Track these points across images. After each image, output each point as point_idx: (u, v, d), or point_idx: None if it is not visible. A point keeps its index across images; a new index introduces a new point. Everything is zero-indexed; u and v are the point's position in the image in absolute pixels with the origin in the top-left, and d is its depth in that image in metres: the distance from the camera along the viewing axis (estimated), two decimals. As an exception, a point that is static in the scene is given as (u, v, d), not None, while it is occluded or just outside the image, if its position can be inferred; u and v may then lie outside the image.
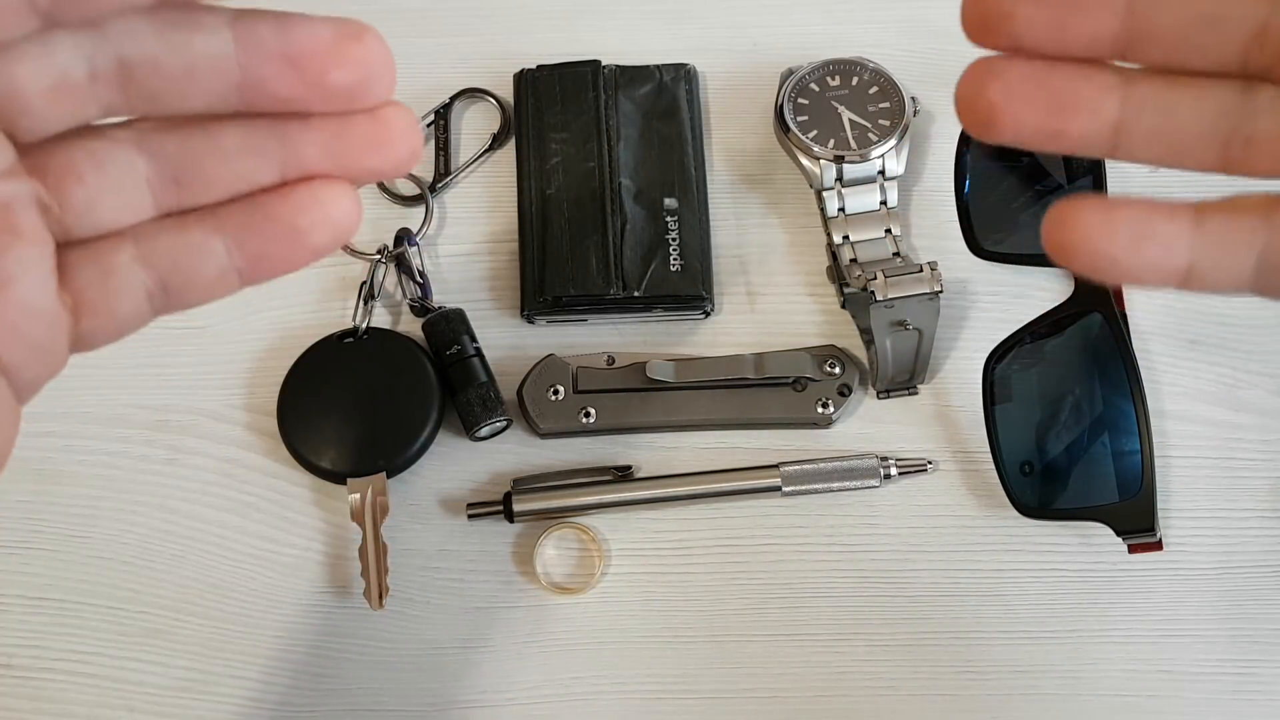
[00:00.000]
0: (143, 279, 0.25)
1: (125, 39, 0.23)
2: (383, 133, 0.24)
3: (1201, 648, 0.45)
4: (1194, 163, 0.24)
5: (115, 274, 0.25)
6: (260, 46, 0.23)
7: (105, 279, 0.25)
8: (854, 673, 0.45)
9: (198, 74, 0.23)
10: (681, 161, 0.51)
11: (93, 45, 0.23)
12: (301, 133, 0.24)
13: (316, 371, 0.48)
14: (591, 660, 0.45)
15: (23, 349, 0.24)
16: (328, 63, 0.23)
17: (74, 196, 0.24)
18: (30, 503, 0.47)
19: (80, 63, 0.23)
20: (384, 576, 0.45)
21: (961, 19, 0.23)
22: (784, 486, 0.46)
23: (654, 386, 0.48)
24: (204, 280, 0.25)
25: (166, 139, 0.24)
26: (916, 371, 0.48)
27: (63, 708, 0.45)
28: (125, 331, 0.26)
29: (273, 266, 0.25)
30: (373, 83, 0.24)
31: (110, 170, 0.24)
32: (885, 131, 0.49)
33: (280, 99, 0.23)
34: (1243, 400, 0.48)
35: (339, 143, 0.24)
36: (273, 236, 0.25)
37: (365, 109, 0.24)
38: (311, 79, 0.23)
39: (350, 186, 0.25)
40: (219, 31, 0.23)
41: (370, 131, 0.24)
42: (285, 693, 0.45)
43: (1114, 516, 0.44)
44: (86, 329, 0.25)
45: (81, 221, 0.24)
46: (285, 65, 0.23)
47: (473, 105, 0.54)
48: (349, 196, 0.25)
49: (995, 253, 0.50)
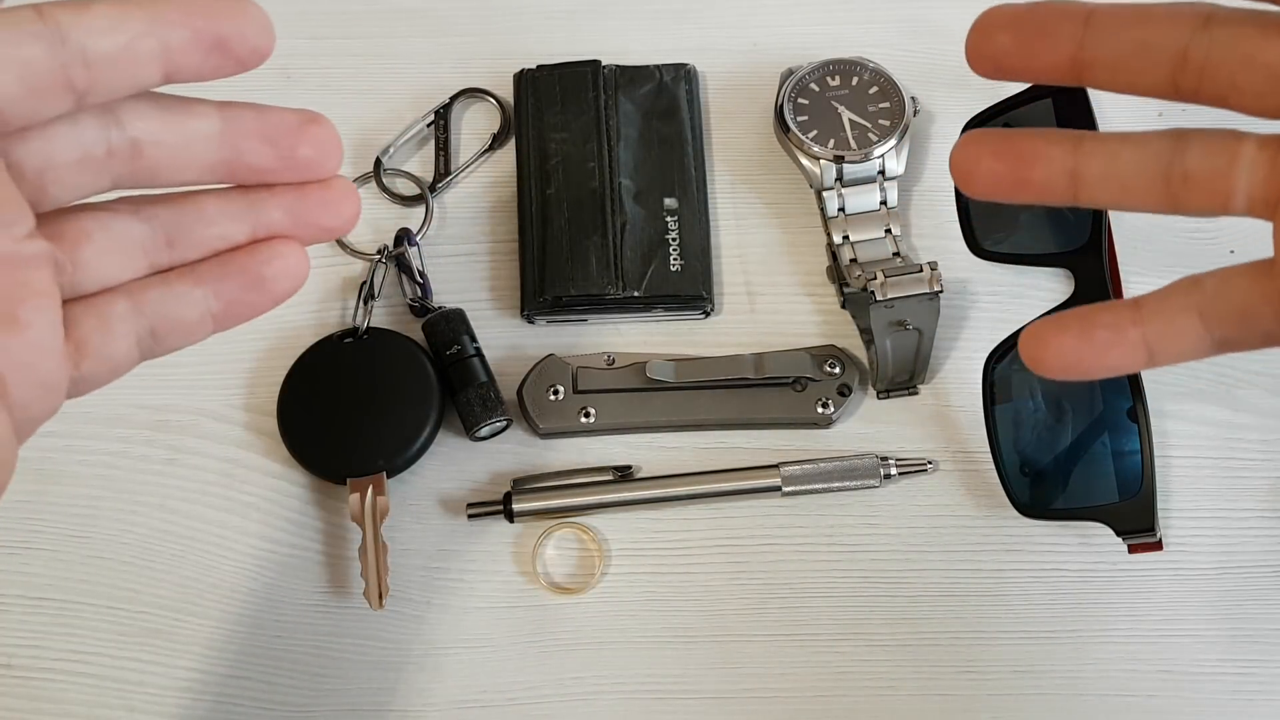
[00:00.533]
0: (135, 327, 0.30)
1: (135, 120, 0.28)
2: (333, 197, 0.30)
3: (1201, 648, 0.45)
4: (1144, 201, 0.28)
5: (112, 323, 0.29)
6: (243, 127, 0.29)
7: (104, 327, 0.29)
8: (854, 673, 0.45)
9: (193, 150, 0.28)
10: (681, 161, 0.51)
11: (110, 125, 0.28)
12: (269, 199, 0.30)
13: (316, 371, 0.48)
14: (591, 660, 0.45)
15: (32, 387, 0.27)
16: (297, 139, 0.29)
17: (84, 256, 0.29)
18: (30, 503, 0.47)
19: (100, 141, 0.28)
20: (384, 576, 0.45)
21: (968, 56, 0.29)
22: (784, 486, 0.46)
23: (654, 386, 0.48)
24: (186, 326, 0.30)
25: (158, 208, 0.30)
26: (916, 371, 0.48)
27: (63, 708, 0.45)
28: (116, 375, 0.30)
29: (242, 312, 0.31)
30: (328, 157, 0.29)
31: (113, 234, 0.29)
32: (885, 131, 0.49)
33: (256, 170, 0.29)
34: (1243, 400, 0.48)
35: (299, 206, 0.30)
36: (244, 286, 0.30)
37: (320, 179, 0.30)
38: (284, 152, 0.29)
39: (300, 245, 0.30)
40: (209, 116, 0.28)
41: (324, 197, 0.30)
42: (285, 693, 0.45)
43: (1114, 516, 0.44)
44: (85, 372, 0.29)
45: (87, 278, 0.29)
46: (262, 142, 0.29)
47: (473, 105, 0.54)
48: (301, 252, 0.30)
49: (995, 253, 0.50)
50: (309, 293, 0.50)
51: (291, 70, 0.54)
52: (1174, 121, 0.28)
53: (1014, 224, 0.50)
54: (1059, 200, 0.29)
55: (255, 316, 0.31)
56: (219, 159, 0.29)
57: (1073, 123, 0.49)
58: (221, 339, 0.49)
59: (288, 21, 0.55)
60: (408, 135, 0.53)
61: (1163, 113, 0.51)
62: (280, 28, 0.28)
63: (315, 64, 0.54)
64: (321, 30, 0.55)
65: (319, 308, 0.50)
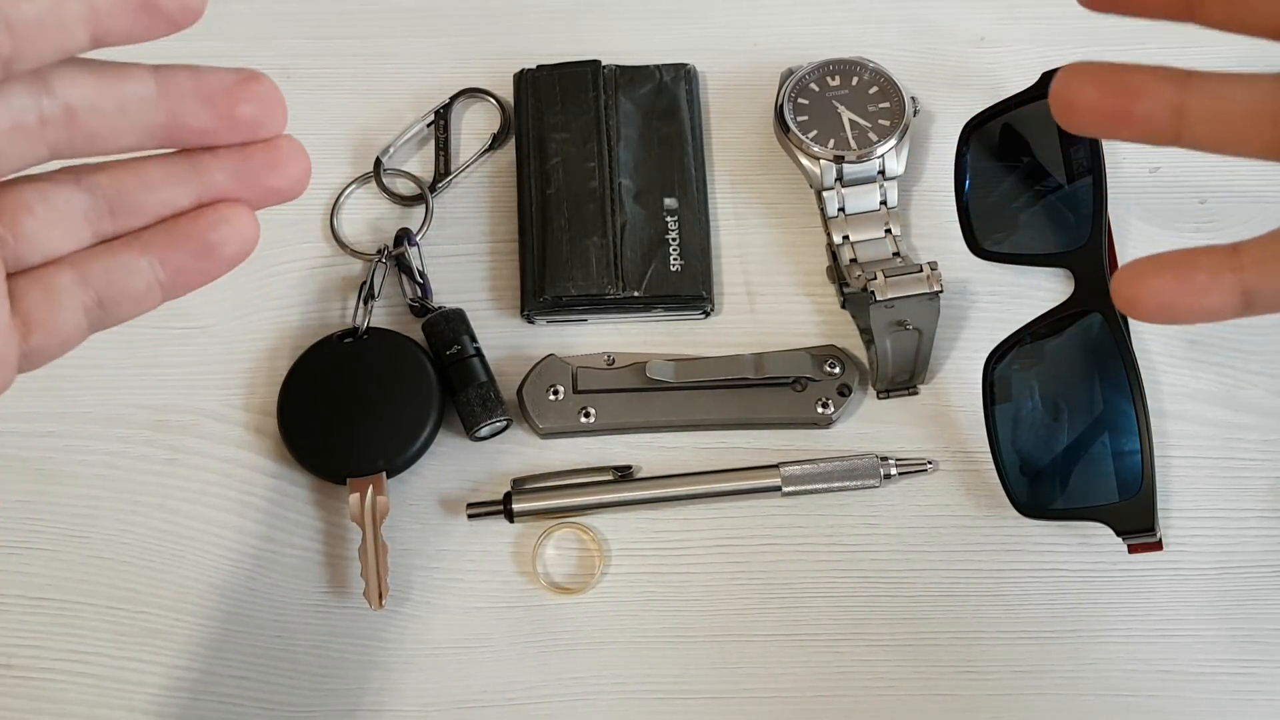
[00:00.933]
0: (82, 298, 0.29)
1: (67, 86, 0.27)
2: (278, 157, 0.29)
3: (1201, 648, 0.45)
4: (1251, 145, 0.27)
5: (58, 295, 0.29)
6: (179, 89, 0.28)
7: (50, 299, 0.29)
8: (854, 673, 0.45)
9: (129, 114, 0.28)
10: (681, 161, 0.51)
11: (40, 93, 0.27)
12: (212, 162, 0.29)
13: (316, 371, 0.48)
14: (591, 660, 0.45)
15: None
16: (235, 98, 0.28)
17: (25, 229, 0.28)
18: (30, 503, 0.47)
19: (31, 109, 0.27)
20: (384, 576, 0.45)
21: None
22: (784, 486, 0.46)
23: (654, 386, 0.48)
24: (134, 295, 0.30)
25: (100, 176, 0.29)
26: (916, 371, 0.48)
27: (63, 708, 0.45)
28: (66, 347, 0.29)
29: (190, 278, 0.30)
30: (269, 115, 0.29)
31: (54, 205, 0.29)
32: (885, 131, 0.49)
33: (197, 132, 0.28)
34: (1243, 400, 0.48)
35: (243, 168, 0.29)
36: (191, 253, 0.29)
37: (263, 139, 0.29)
38: (223, 112, 0.28)
39: (249, 208, 0.30)
40: (144, 79, 0.28)
41: (269, 157, 0.29)
42: (285, 693, 0.45)
43: (1114, 516, 0.44)
44: (34, 345, 0.29)
45: (30, 250, 0.28)
46: (200, 103, 0.28)
47: (473, 105, 0.54)
48: (250, 215, 0.30)
49: (995, 253, 0.50)
50: (309, 293, 0.50)
51: (291, 70, 0.54)
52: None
53: (1014, 224, 0.50)
54: (1160, 139, 0.28)
55: (206, 283, 0.30)
56: (158, 123, 0.28)
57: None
58: (221, 339, 0.50)
59: (288, 21, 0.55)
60: (408, 135, 0.53)
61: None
62: (280, 28, 0.28)
63: (315, 64, 0.54)
64: (321, 30, 0.55)
65: (319, 308, 0.50)
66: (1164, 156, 0.51)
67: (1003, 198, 0.51)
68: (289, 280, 0.51)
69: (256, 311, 0.50)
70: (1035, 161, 0.51)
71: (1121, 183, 0.51)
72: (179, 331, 0.50)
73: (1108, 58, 0.28)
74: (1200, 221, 0.50)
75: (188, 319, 0.50)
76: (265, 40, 0.54)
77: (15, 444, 0.48)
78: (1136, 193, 0.51)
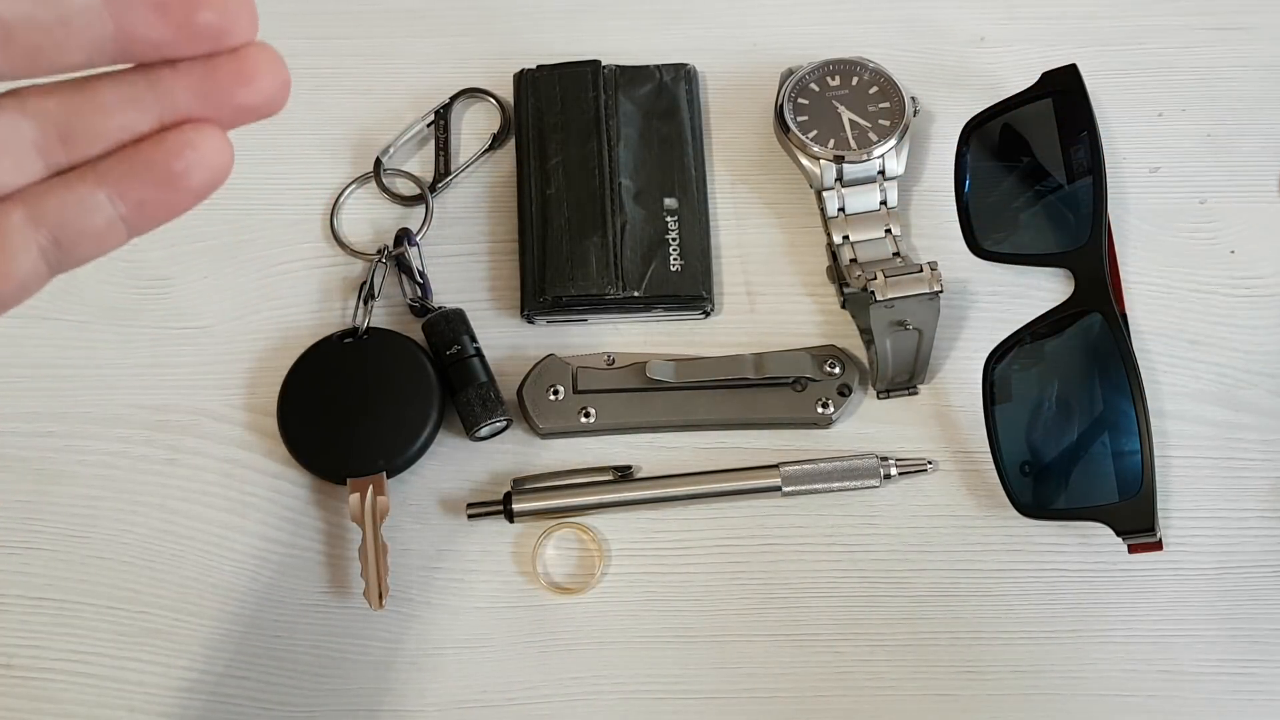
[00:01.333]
0: (36, 238, 0.26)
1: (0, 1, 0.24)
2: (248, 68, 0.26)
3: (1201, 648, 0.45)
4: None
5: (10, 235, 0.26)
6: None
7: (2, 241, 0.26)
8: (854, 673, 0.45)
9: (73, 26, 0.24)
10: (681, 161, 0.51)
11: None
12: (173, 79, 0.26)
13: (316, 371, 0.48)
14: (591, 660, 0.45)
15: None
16: (192, 3, 0.25)
17: None
18: (30, 503, 0.47)
19: None
20: (384, 576, 0.45)
21: None
22: (784, 486, 0.46)
23: (654, 386, 0.48)
24: (93, 232, 0.27)
25: (48, 100, 0.26)
26: (916, 371, 0.48)
27: (63, 708, 0.45)
28: (26, 293, 0.27)
29: (155, 212, 0.27)
30: (235, 22, 0.25)
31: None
32: (885, 131, 0.49)
33: (151, 44, 0.25)
34: (1243, 400, 0.48)
35: (208, 83, 0.26)
36: (153, 183, 0.26)
37: (230, 49, 0.26)
38: (178, 20, 0.25)
39: (219, 129, 0.26)
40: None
41: (236, 69, 0.26)
42: (285, 693, 0.45)
43: (1114, 516, 0.44)
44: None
45: None
46: (153, 10, 0.24)
47: (473, 105, 0.54)
48: (219, 137, 0.26)
49: (995, 253, 0.50)
50: (309, 293, 0.50)
51: (291, 70, 0.54)
52: (1173, 121, 0.27)
53: (1014, 224, 0.50)
54: None
55: (174, 216, 0.27)
56: (106, 35, 0.25)
57: (1072, 123, 0.49)
58: (221, 339, 0.50)
59: (288, 21, 0.55)
60: (408, 135, 0.53)
61: (1163, 113, 0.51)
62: (280, 28, 0.28)
63: (315, 64, 0.54)
64: (321, 30, 0.55)
65: (319, 308, 0.50)
66: (1164, 156, 0.51)
67: (1003, 198, 0.51)
68: (289, 280, 0.51)
69: (256, 311, 0.50)
70: (1035, 161, 0.51)
71: (1121, 183, 0.51)
72: (179, 331, 0.50)
73: (1107, 58, 0.27)
74: (1200, 221, 0.50)
75: (188, 319, 0.50)
76: (264, 40, 0.54)
77: (15, 444, 0.48)
78: (1136, 193, 0.51)
